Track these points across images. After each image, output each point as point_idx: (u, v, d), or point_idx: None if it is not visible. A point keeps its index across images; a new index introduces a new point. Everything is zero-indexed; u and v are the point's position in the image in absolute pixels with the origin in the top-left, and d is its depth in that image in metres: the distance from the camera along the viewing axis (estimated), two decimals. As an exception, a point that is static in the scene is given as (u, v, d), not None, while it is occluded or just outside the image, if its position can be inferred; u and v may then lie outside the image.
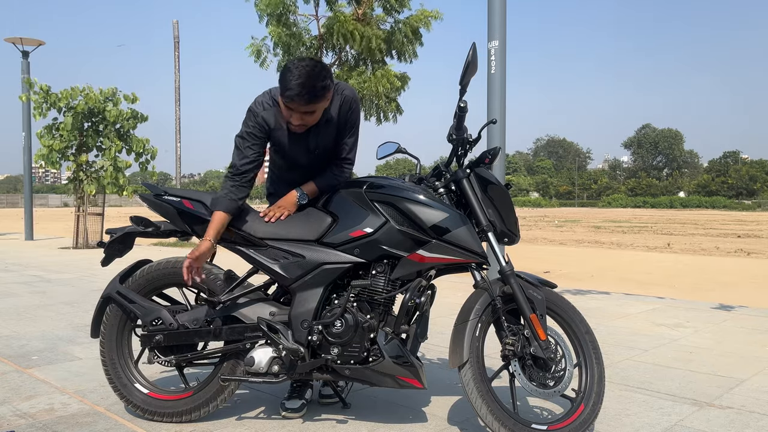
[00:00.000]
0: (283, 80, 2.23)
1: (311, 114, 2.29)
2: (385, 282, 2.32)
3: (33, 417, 2.51)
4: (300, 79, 2.18)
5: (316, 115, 2.30)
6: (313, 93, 2.21)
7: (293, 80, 2.19)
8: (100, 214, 11.60)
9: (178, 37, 14.16)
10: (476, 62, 2.27)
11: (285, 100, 2.25)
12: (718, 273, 8.68)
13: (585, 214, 40.36)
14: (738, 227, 23.22)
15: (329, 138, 2.48)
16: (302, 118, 2.28)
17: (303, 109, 2.25)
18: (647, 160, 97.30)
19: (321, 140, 2.46)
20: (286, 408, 2.51)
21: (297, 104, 2.23)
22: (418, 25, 11.83)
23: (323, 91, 2.24)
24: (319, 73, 2.22)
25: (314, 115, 2.30)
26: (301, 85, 2.18)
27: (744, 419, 2.54)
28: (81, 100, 11.00)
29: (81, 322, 4.45)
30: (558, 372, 2.20)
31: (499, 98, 6.14)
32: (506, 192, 2.36)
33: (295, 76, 2.19)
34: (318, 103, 2.26)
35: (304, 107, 2.24)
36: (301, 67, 2.20)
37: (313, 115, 2.29)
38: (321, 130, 2.43)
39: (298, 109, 2.25)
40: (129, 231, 2.48)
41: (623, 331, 4.26)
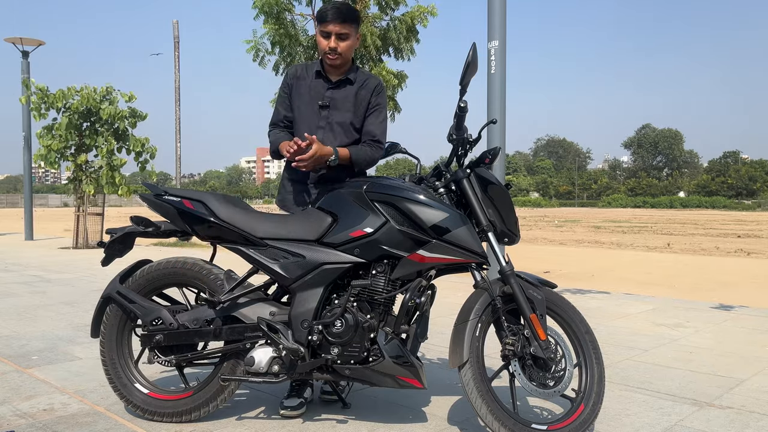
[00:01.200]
0: (321, 10, 2.54)
1: (345, 39, 2.53)
2: (385, 282, 2.32)
3: (33, 417, 2.51)
4: (336, 5, 2.52)
5: (349, 41, 2.55)
6: (348, 12, 2.52)
7: (329, 7, 2.51)
8: (100, 214, 11.60)
9: (178, 37, 14.15)
10: (476, 62, 2.27)
11: (322, 25, 2.52)
12: (718, 273, 8.69)
13: (585, 214, 40.36)
14: (738, 227, 23.22)
15: (342, 99, 2.62)
16: (338, 42, 2.52)
17: (338, 29, 2.50)
18: (647, 160, 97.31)
19: (335, 97, 2.61)
20: (285, 407, 2.51)
21: (333, 23, 2.50)
22: (414, 21, 11.81)
23: (356, 14, 2.56)
24: (349, 5, 2.63)
25: (348, 41, 2.54)
26: (338, 8, 2.50)
27: (744, 419, 2.54)
28: (77, 99, 10.99)
29: (81, 322, 4.45)
30: (558, 372, 2.20)
31: (499, 98, 6.14)
32: (506, 192, 2.36)
33: (331, 5, 2.52)
34: (352, 25, 2.53)
35: (339, 26, 2.50)
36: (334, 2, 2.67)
37: (346, 40, 2.53)
38: (338, 86, 2.62)
39: (334, 29, 2.50)
40: (129, 231, 2.47)
41: (623, 331, 4.26)
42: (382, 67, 11.81)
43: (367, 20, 11.74)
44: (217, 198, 2.45)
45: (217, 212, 2.40)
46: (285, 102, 2.69)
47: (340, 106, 2.62)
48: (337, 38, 2.52)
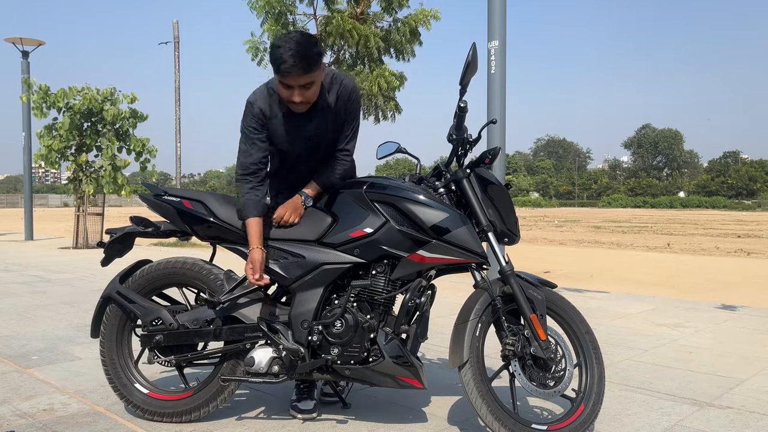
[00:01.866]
0: (275, 57, 2.15)
1: (310, 87, 2.22)
2: (385, 282, 2.32)
3: (33, 417, 2.51)
4: (292, 51, 2.12)
5: (314, 87, 2.24)
6: (309, 61, 2.14)
7: (285, 53, 2.12)
8: (100, 214, 11.60)
9: (178, 37, 14.16)
10: (476, 62, 2.27)
11: (281, 77, 2.18)
12: (718, 273, 8.68)
13: (585, 214, 40.36)
14: (738, 227, 23.22)
15: (327, 125, 2.41)
16: (302, 93, 2.21)
17: (302, 81, 2.17)
18: (647, 160, 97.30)
19: (319, 127, 2.39)
20: (300, 410, 2.48)
21: (295, 77, 2.15)
22: (417, 24, 11.82)
23: (318, 58, 2.18)
24: (308, 41, 2.17)
25: (313, 87, 2.23)
26: (295, 56, 2.12)
27: (744, 419, 2.54)
28: (79, 99, 11.00)
29: (81, 322, 4.45)
30: (558, 372, 2.20)
31: (499, 98, 6.14)
32: (506, 192, 2.36)
33: (286, 50, 2.13)
34: (315, 72, 2.19)
35: (302, 78, 2.17)
36: (290, 40, 2.14)
37: (312, 88, 2.22)
38: (318, 116, 2.37)
39: (296, 82, 2.17)
40: (129, 231, 2.48)
41: (623, 331, 4.26)
42: (384, 68, 11.81)
43: (369, 20, 11.73)
44: (216, 198, 2.45)
45: (217, 212, 2.40)
46: (259, 140, 2.35)
47: (325, 132, 2.42)
48: (300, 90, 2.20)
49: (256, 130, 2.35)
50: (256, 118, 2.34)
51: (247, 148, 2.36)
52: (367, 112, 12.27)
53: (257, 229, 2.31)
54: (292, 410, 2.50)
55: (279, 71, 2.17)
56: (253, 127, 2.34)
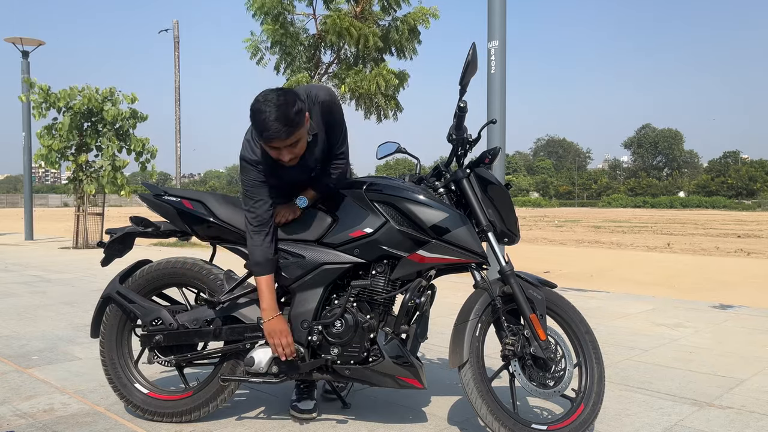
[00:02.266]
0: (258, 124, 2.11)
1: (297, 144, 2.18)
2: (385, 282, 2.32)
3: (33, 417, 2.51)
4: (273, 115, 2.07)
5: (302, 142, 2.20)
6: (292, 123, 2.10)
7: (268, 120, 2.07)
8: (100, 214, 11.60)
9: (178, 37, 14.16)
10: (476, 62, 2.27)
11: (266, 142, 2.14)
12: (718, 273, 8.68)
13: (585, 214, 40.36)
14: (738, 227, 23.22)
15: (323, 147, 2.38)
16: (291, 151, 2.18)
17: (288, 142, 2.14)
18: (647, 160, 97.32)
19: (317, 154, 2.37)
20: (300, 410, 2.48)
21: (280, 141, 2.12)
22: (416, 22, 11.82)
23: (300, 116, 2.12)
24: (288, 101, 2.10)
25: (301, 143, 2.20)
26: (277, 120, 2.07)
27: (744, 419, 2.54)
28: (79, 100, 11.00)
29: (81, 322, 4.45)
30: (558, 372, 2.20)
31: (499, 98, 6.14)
32: (506, 192, 2.36)
33: (268, 115, 2.08)
34: (300, 130, 2.14)
35: (288, 140, 2.13)
36: (270, 104, 2.09)
37: (299, 143, 2.19)
38: (315, 146, 2.34)
39: (282, 144, 2.14)
40: (129, 231, 2.48)
41: (623, 331, 4.26)
42: (383, 66, 11.80)
43: (370, 19, 11.73)
44: (216, 198, 2.45)
45: (217, 212, 2.40)
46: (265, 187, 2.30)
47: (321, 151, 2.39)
48: (288, 148, 2.17)
49: (262, 183, 2.30)
50: (260, 173, 2.29)
51: (258, 198, 2.29)
52: (368, 112, 12.27)
53: (270, 290, 2.27)
54: (292, 410, 2.50)
55: (263, 138, 2.13)
56: (257, 179, 2.29)
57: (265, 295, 2.27)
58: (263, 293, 2.28)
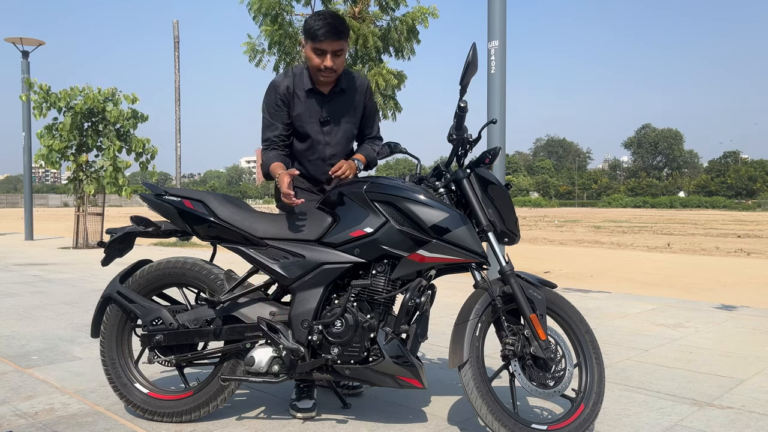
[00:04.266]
0: (311, 27, 2.44)
1: (340, 54, 2.48)
2: (385, 282, 2.32)
3: (33, 417, 2.51)
4: (327, 20, 2.43)
5: (342, 57, 2.50)
6: (342, 28, 2.45)
7: (321, 22, 2.42)
8: (100, 214, 11.60)
9: (178, 37, 14.15)
10: (476, 62, 2.27)
11: (317, 43, 2.43)
12: (718, 273, 8.68)
13: (585, 214, 40.36)
14: (738, 227, 23.22)
15: (341, 111, 2.63)
16: (333, 59, 2.46)
17: (334, 46, 2.44)
18: (647, 160, 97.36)
19: (333, 111, 2.61)
20: (299, 409, 2.49)
21: (329, 42, 2.42)
22: (414, 22, 11.81)
23: (347, 30, 2.49)
24: (339, 16, 2.49)
25: (341, 56, 2.49)
26: (330, 24, 2.42)
27: (744, 419, 2.54)
28: (80, 100, 11.00)
29: (81, 322, 4.45)
30: (558, 372, 2.20)
31: (499, 98, 6.14)
32: (506, 192, 2.36)
33: (322, 19, 2.43)
34: (345, 41, 2.48)
35: (336, 44, 2.44)
36: (323, 13, 2.47)
37: (341, 56, 2.49)
38: (334, 100, 2.60)
39: (330, 47, 2.44)
40: (129, 231, 2.47)
41: (623, 331, 4.26)
42: (382, 66, 11.80)
43: (368, 20, 11.73)
44: (217, 198, 2.45)
45: (217, 212, 2.40)
46: (281, 116, 2.58)
47: (340, 117, 2.64)
48: (332, 56, 2.47)
49: (278, 107, 2.57)
50: (281, 95, 2.56)
51: (271, 122, 2.59)
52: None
53: (280, 165, 2.49)
54: (292, 410, 2.51)
55: (316, 37, 2.43)
56: (277, 104, 2.57)
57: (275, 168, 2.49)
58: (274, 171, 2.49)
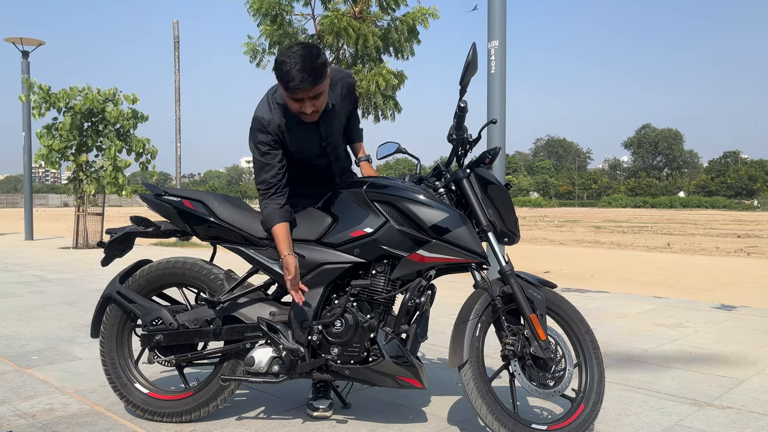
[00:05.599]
0: (282, 74, 2.15)
1: (320, 96, 2.24)
2: (385, 282, 2.31)
3: (33, 417, 2.51)
4: (298, 65, 2.12)
5: (323, 96, 2.26)
6: (317, 74, 2.15)
7: (293, 70, 2.13)
8: (100, 214, 11.60)
9: (178, 37, 14.14)
10: (476, 62, 2.27)
11: (291, 93, 2.18)
12: (718, 273, 8.68)
13: (585, 214, 40.36)
14: (738, 227, 23.22)
15: (337, 123, 2.49)
16: (313, 104, 2.23)
17: (311, 93, 2.19)
18: (647, 160, 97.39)
19: (330, 127, 2.45)
20: (316, 408, 2.50)
21: (305, 92, 2.17)
22: (415, 22, 11.81)
23: (324, 68, 2.19)
24: (312, 52, 2.17)
25: (322, 96, 2.26)
26: (302, 71, 2.12)
27: (744, 419, 2.54)
28: (80, 100, 11.00)
29: (81, 322, 4.45)
30: (558, 372, 2.20)
31: (499, 98, 6.14)
32: (506, 192, 2.36)
33: (292, 65, 2.13)
34: (323, 83, 2.20)
35: (312, 92, 2.18)
36: (294, 55, 2.14)
37: (321, 97, 2.25)
38: (327, 117, 2.40)
39: (306, 95, 2.19)
40: (129, 231, 2.47)
41: (623, 331, 4.26)
42: (382, 66, 11.80)
43: (368, 20, 11.72)
44: (217, 198, 2.45)
45: (217, 212, 2.40)
46: (276, 156, 2.36)
47: (335, 130, 2.50)
48: (311, 101, 2.22)
49: (270, 146, 2.34)
50: (273, 135, 2.33)
51: (264, 163, 2.35)
52: (366, 111, 12.26)
53: (285, 235, 2.29)
54: (309, 409, 2.53)
55: (288, 88, 2.17)
56: (267, 143, 2.34)
57: (279, 240, 2.29)
58: (277, 239, 2.29)
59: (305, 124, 2.35)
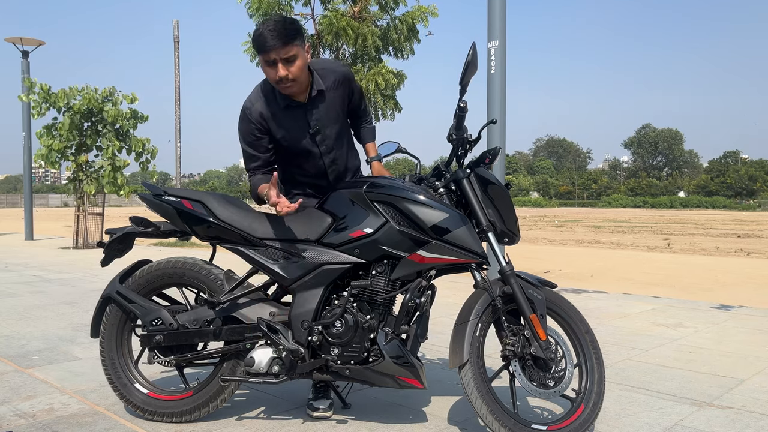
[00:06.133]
0: (257, 38, 2.25)
1: (293, 61, 2.26)
2: (385, 282, 2.31)
3: (33, 417, 2.51)
4: (269, 26, 2.22)
5: (299, 62, 2.28)
6: (287, 32, 2.22)
7: (265, 30, 2.22)
8: (100, 214, 11.60)
9: (178, 37, 14.14)
10: (476, 62, 2.27)
11: (264, 54, 2.25)
12: (718, 273, 8.68)
13: (585, 214, 40.36)
14: (738, 227, 23.22)
15: (326, 115, 2.46)
16: (286, 68, 2.26)
17: (283, 53, 2.23)
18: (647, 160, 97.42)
19: (320, 116, 2.44)
20: (316, 408, 2.50)
21: (276, 50, 2.23)
22: (414, 21, 11.81)
23: (295, 31, 2.25)
24: (285, 18, 2.27)
25: (297, 62, 2.27)
26: (273, 30, 2.21)
27: (744, 419, 2.54)
28: (79, 100, 11.00)
29: (81, 322, 4.44)
30: (558, 372, 2.20)
31: (499, 98, 6.14)
32: (506, 192, 2.36)
33: (265, 27, 2.23)
34: (295, 44, 2.25)
35: (283, 51, 2.23)
36: (267, 20, 2.26)
37: (295, 62, 2.27)
38: (315, 105, 2.43)
39: (278, 55, 2.23)
40: (129, 231, 2.47)
41: (623, 331, 4.26)
42: (382, 66, 11.80)
43: (368, 19, 11.72)
44: (216, 198, 2.45)
45: (217, 212, 2.40)
46: (261, 145, 2.42)
47: (327, 120, 2.47)
48: (284, 64, 2.25)
49: (255, 135, 2.41)
50: (255, 123, 2.39)
51: (251, 152, 2.44)
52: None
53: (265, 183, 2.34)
54: (308, 409, 2.53)
55: (261, 49, 2.25)
56: (253, 134, 2.41)
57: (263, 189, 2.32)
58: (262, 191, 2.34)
59: (291, 110, 2.40)
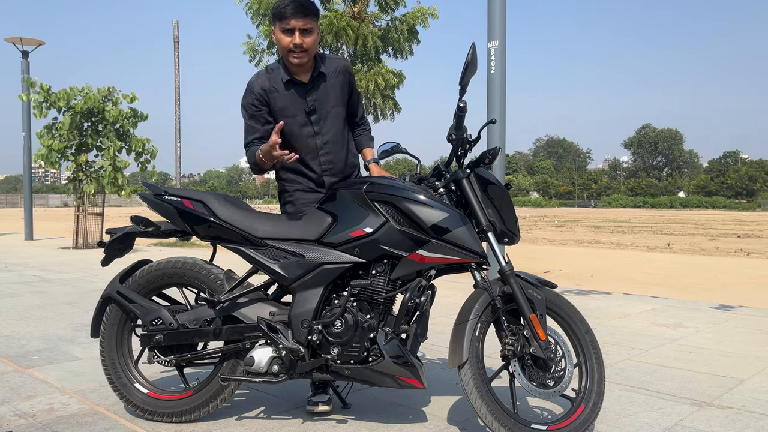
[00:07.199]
0: (280, 8, 2.39)
1: (309, 33, 2.42)
2: (385, 282, 2.31)
3: (33, 417, 2.51)
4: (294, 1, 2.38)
5: (313, 36, 2.44)
6: (309, 8, 2.41)
7: (291, 1, 2.38)
8: (100, 214, 11.59)
9: (178, 37, 14.14)
10: (476, 62, 2.27)
11: (283, 22, 2.39)
12: (718, 273, 8.68)
13: (585, 214, 40.35)
14: (738, 227, 23.22)
15: (325, 96, 2.55)
16: (302, 37, 2.40)
17: (301, 24, 2.39)
18: (647, 160, 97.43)
19: (317, 98, 2.54)
20: (315, 403, 2.51)
21: (296, 19, 2.38)
22: (414, 22, 11.81)
23: (315, 8, 2.45)
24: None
25: (312, 35, 2.43)
26: (297, 2, 2.38)
27: (744, 419, 2.54)
28: (80, 99, 11.00)
29: (81, 322, 4.45)
30: (558, 372, 2.20)
31: (499, 98, 6.14)
32: (506, 192, 2.36)
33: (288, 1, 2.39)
34: (313, 19, 2.43)
35: (302, 21, 2.39)
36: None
37: (311, 35, 2.43)
38: (315, 85, 2.54)
39: (297, 24, 2.39)
40: (129, 231, 2.47)
41: (623, 331, 4.26)
42: (381, 65, 11.80)
43: (368, 20, 11.72)
44: (217, 198, 2.45)
45: (217, 212, 2.40)
46: (262, 117, 2.53)
47: (326, 103, 2.56)
48: (301, 34, 2.40)
49: (255, 107, 2.53)
50: (257, 96, 2.52)
51: (251, 125, 2.55)
52: (366, 111, 12.26)
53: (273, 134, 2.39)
54: (308, 405, 2.54)
55: (282, 16, 2.39)
56: (254, 105, 2.53)
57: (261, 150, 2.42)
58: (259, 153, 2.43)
59: (293, 87, 2.52)
